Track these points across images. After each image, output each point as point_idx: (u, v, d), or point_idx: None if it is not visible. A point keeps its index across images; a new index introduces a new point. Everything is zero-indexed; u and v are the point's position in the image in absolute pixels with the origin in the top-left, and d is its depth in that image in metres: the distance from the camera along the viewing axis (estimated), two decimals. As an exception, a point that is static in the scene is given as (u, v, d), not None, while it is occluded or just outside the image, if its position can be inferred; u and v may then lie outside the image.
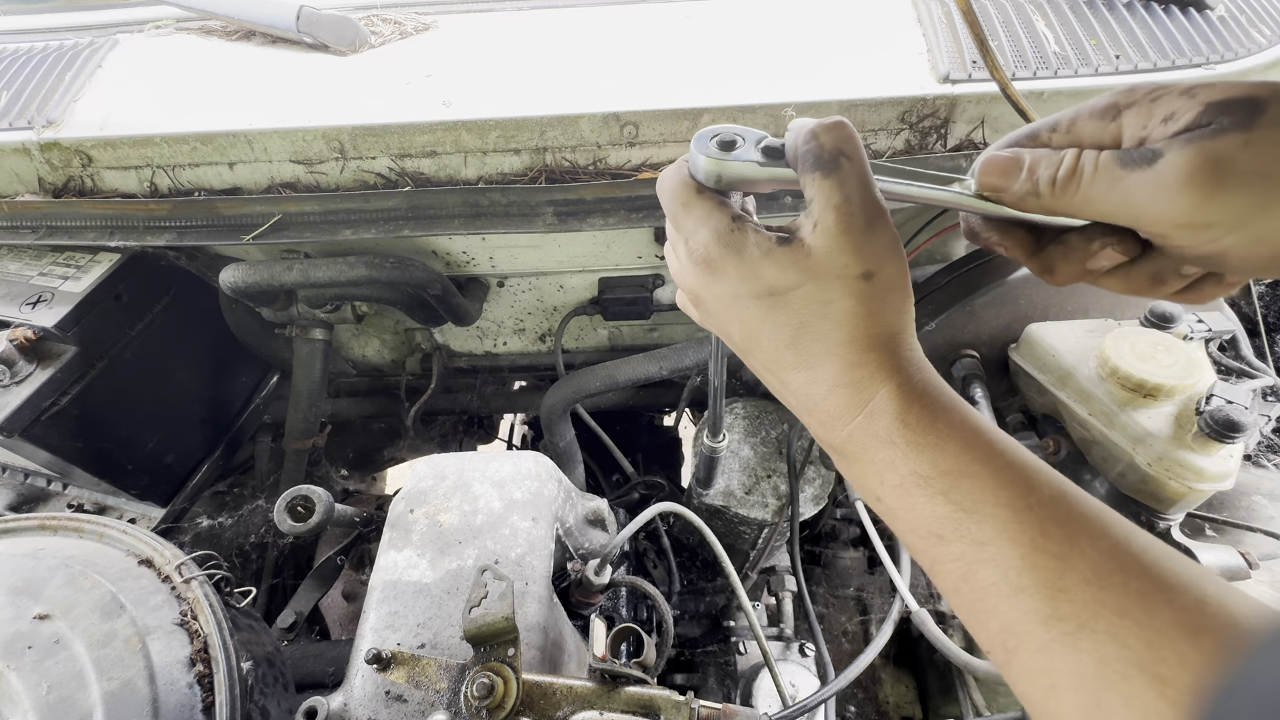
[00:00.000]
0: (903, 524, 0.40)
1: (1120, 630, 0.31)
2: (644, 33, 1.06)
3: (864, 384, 0.41)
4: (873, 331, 0.41)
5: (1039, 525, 0.35)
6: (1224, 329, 0.87)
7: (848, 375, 0.41)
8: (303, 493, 0.84)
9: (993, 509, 0.36)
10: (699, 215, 0.45)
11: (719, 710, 0.64)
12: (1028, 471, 0.37)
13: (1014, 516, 0.36)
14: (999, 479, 0.37)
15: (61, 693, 0.59)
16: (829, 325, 0.41)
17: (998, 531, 0.35)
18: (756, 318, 0.43)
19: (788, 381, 0.44)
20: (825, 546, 1.37)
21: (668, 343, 1.31)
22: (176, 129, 1.00)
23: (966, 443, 0.38)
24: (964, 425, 0.39)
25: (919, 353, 0.43)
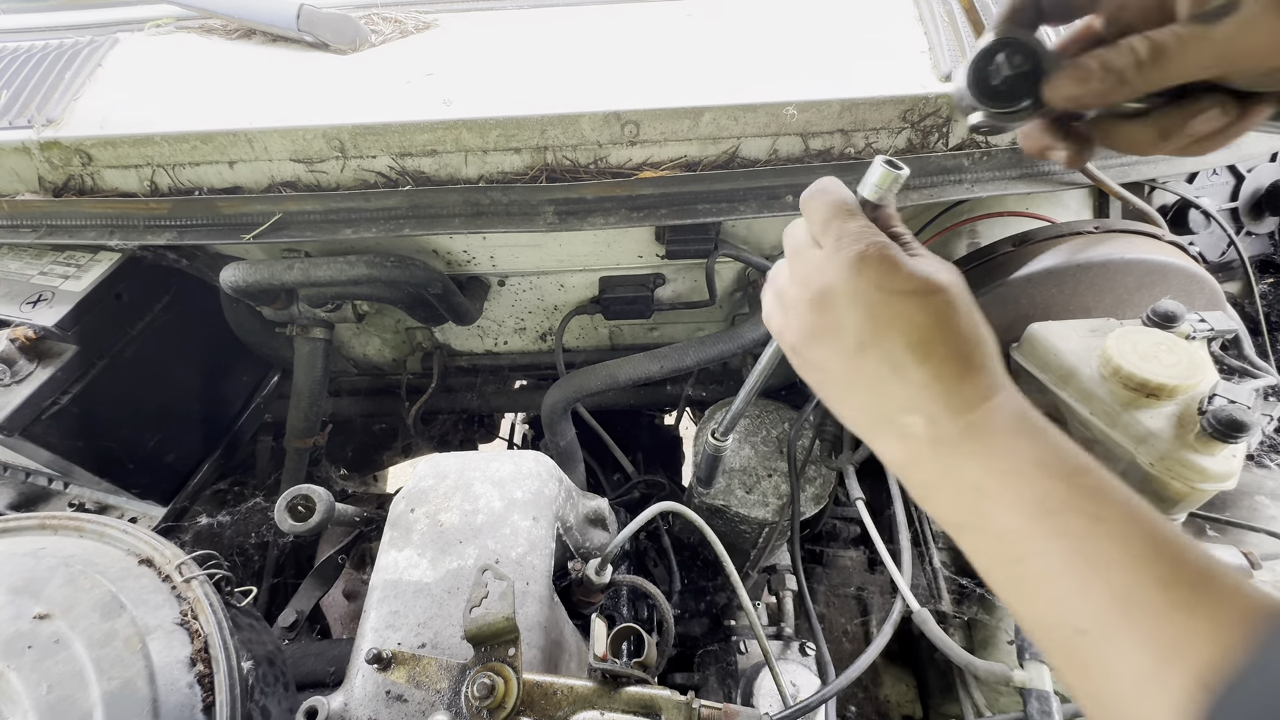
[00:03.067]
0: (1004, 507, 0.42)
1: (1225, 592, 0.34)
2: (645, 32, 1.06)
3: (988, 384, 0.45)
4: (987, 338, 0.47)
5: (1149, 512, 0.38)
6: (1227, 328, 0.87)
7: (975, 374, 0.45)
8: (303, 492, 0.84)
9: (1109, 492, 0.40)
10: (860, 223, 0.50)
11: (720, 710, 0.64)
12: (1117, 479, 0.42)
13: (1127, 501, 0.39)
14: (1104, 474, 0.41)
15: (61, 692, 0.59)
16: (960, 328, 0.46)
17: (1117, 510, 0.39)
18: (894, 313, 0.47)
19: (905, 378, 0.47)
20: (826, 546, 1.37)
21: (668, 342, 1.31)
22: (177, 128, 1.00)
23: (1071, 444, 0.43)
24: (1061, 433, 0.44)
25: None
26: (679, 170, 0.98)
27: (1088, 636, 0.37)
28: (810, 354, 0.52)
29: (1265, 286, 1.24)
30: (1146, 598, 0.35)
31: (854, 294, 0.48)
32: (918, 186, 0.96)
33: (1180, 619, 0.34)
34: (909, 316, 0.46)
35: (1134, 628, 0.35)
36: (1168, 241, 0.98)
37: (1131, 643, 0.35)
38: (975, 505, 0.43)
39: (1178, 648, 0.34)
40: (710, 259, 1.14)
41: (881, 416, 0.48)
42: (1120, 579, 0.36)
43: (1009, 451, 0.43)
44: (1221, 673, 0.32)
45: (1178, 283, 0.97)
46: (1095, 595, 0.37)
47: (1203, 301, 0.97)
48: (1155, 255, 0.95)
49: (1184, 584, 0.35)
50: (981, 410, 0.44)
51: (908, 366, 0.46)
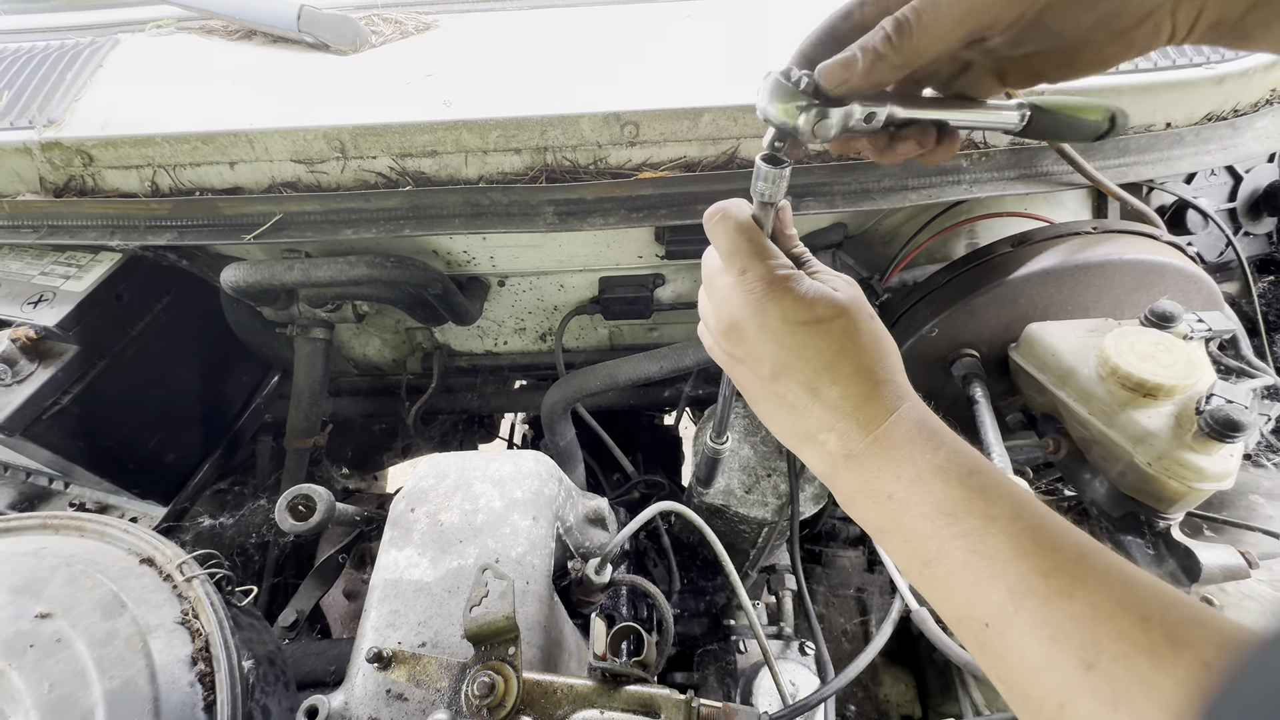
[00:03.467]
0: (914, 512, 0.45)
1: (1104, 579, 0.38)
2: (644, 32, 1.06)
3: (889, 397, 0.49)
4: (887, 357, 0.51)
5: (1033, 508, 0.42)
6: (1224, 328, 0.87)
7: (879, 391, 0.49)
8: (304, 492, 0.84)
9: (997, 491, 0.43)
10: (760, 253, 0.53)
11: (719, 709, 0.64)
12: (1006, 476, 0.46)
13: (1013, 498, 0.43)
14: (995, 473, 0.45)
15: (63, 691, 0.59)
16: (862, 351, 0.50)
17: (1003, 509, 0.42)
18: (799, 342, 0.51)
19: (818, 399, 0.50)
20: (825, 545, 1.37)
21: (668, 342, 1.31)
22: (177, 128, 1.01)
23: (967, 447, 0.47)
24: (957, 437, 0.48)
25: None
26: (678, 171, 0.99)
27: (990, 629, 0.40)
28: (734, 375, 0.57)
29: (1263, 287, 1.25)
30: (1032, 588, 0.39)
31: (761, 327, 0.52)
32: (917, 187, 0.96)
33: (1062, 604, 0.37)
34: (815, 344, 0.50)
35: (1026, 616, 0.38)
36: (1166, 242, 0.99)
37: (1024, 630, 0.38)
38: (888, 512, 0.47)
39: (1063, 630, 0.37)
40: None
41: (803, 435, 0.52)
42: (1011, 573, 0.40)
43: (910, 460, 0.46)
44: (1102, 650, 0.35)
45: (1175, 283, 0.97)
46: (992, 590, 0.40)
47: (1200, 302, 0.98)
48: (1153, 255, 0.95)
49: (1063, 571, 0.38)
50: (886, 424, 0.48)
51: (819, 389, 0.50)
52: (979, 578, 0.41)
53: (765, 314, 0.51)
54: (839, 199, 0.97)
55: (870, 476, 0.48)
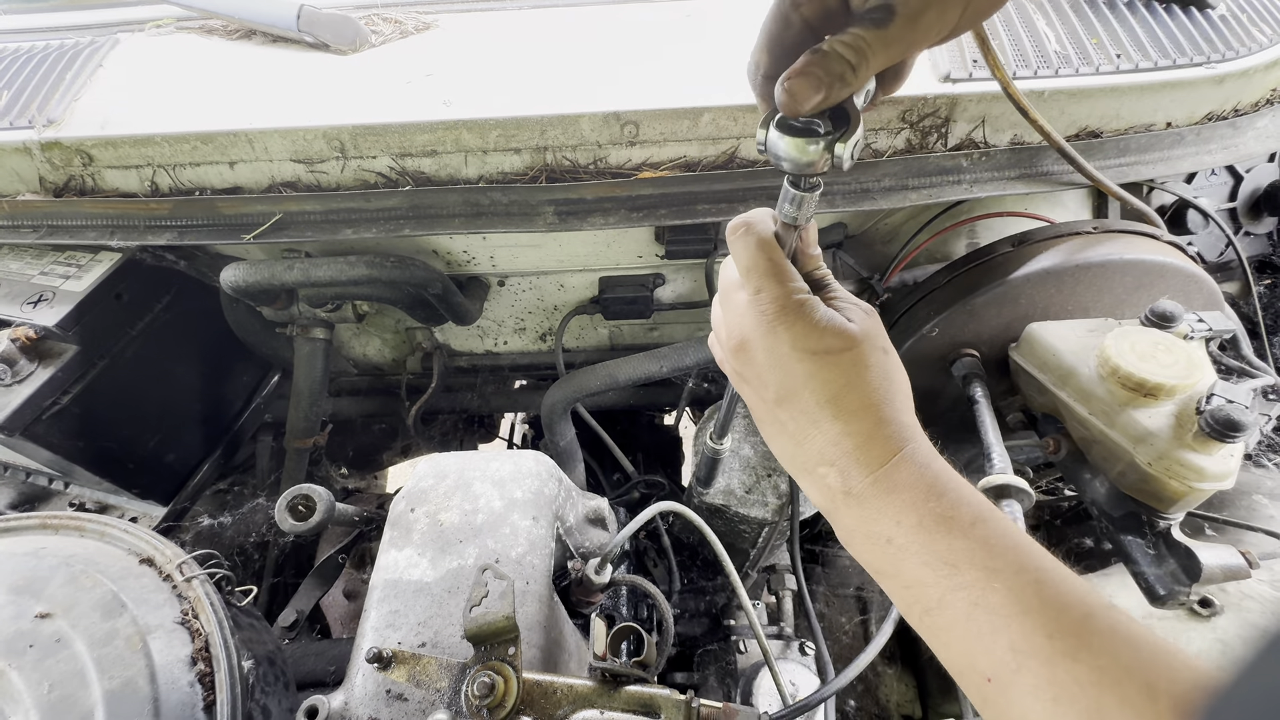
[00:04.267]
0: (915, 560, 0.44)
1: (1110, 643, 0.37)
2: (644, 32, 1.06)
3: (894, 438, 0.48)
4: (896, 395, 0.49)
5: (1038, 563, 0.41)
6: (1224, 328, 0.87)
7: (882, 430, 0.48)
8: (304, 492, 0.84)
9: (1003, 543, 0.42)
10: (778, 274, 0.51)
11: (719, 709, 0.64)
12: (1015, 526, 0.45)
13: (1019, 553, 0.42)
14: (1005, 525, 0.44)
15: (63, 691, 0.59)
16: (870, 387, 0.48)
17: (1008, 563, 0.41)
18: (806, 372, 0.49)
19: (817, 434, 0.49)
20: (825, 545, 1.37)
21: (668, 342, 1.31)
22: (177, 128, 1.00)
23: (974, 496, 0.45)
24: (966, 484, 0.47)
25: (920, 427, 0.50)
26: (678, 170, 0.99)
27: (992, 684, 0.40)
28: (741, 393, 0.56)
29: (1263, 287, 1.24)
30: (1036, 647, 0.38)
31: (770, 350, 0.51)
32: (917, 187, 0.96)
33: (1067, 666, 0.36)
34: (821, 375, 0.49)
35: (1029, 676, 0.38)
36: (1166, 242, 0.99)
37: (1027, 690, 0.38)
38: (888, 556, 0.47)
39: (1067, 694, 0.36)
40: (710, 259, 1.15)
41: (802, 465, 0.52)
42: (1014, 630, 0.39)
43: (912, 506, 0.45)
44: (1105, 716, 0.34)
45: (1176, 283, 0.97)
46: (994, 645, 0.40)
47: (1201, 301, 0.98)
48: (1154, 255, 0.95)
49: (1068, 632, 0.37)
50: (889, 465, 0.47)
51: (821, 422, 0.49)
52: (981, 632, 0.40)
53: (775, 338, 0.50)
54: (839, 199, 0.97)
55: (869, 518, 0.47)
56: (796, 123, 0.46)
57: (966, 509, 0.44)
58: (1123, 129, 0.98)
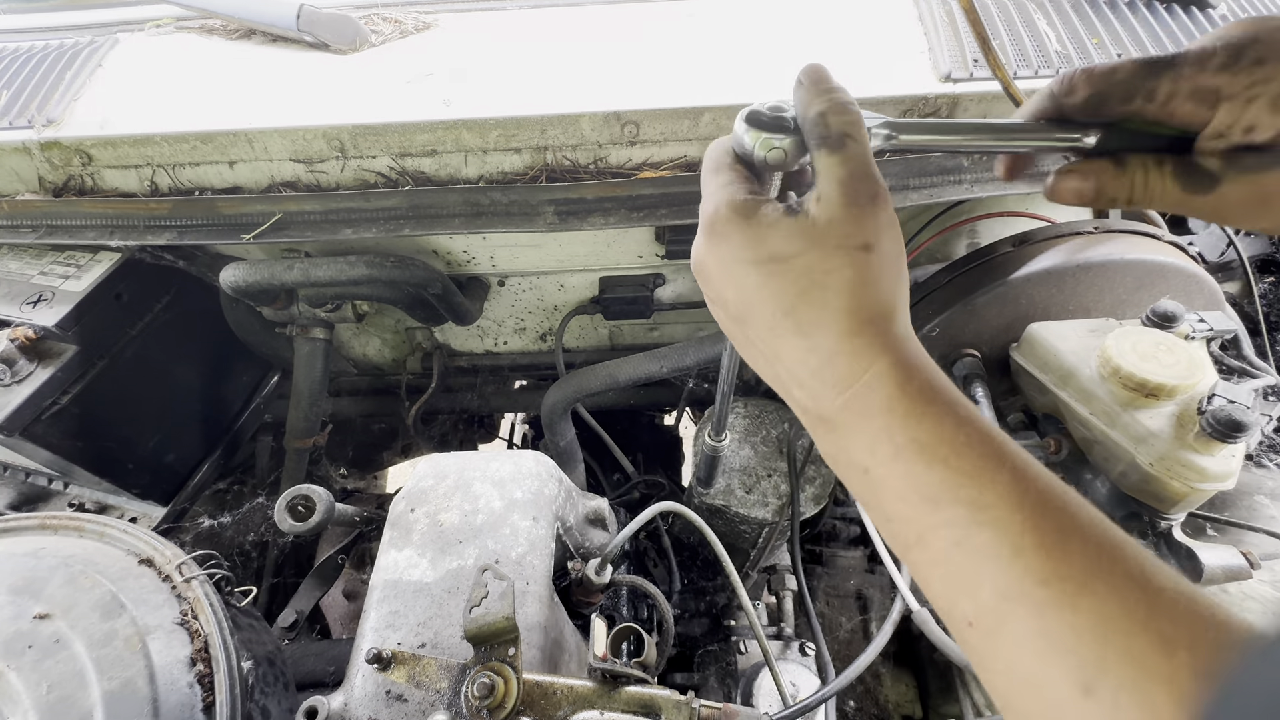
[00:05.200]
0: (891, 493, 0.40)
1: (1121, 588, 0.31)
2: (644, 32, 1.06)
3: (863, 353, 0.41)
4: (870, 303, 0.42)
5: (1039, 494, 0.35)
6: (1226, 328, 0.87)
7: (847, 343, 0.41)
8: (303, 492, 0.84)
9: (994, 475, 0.36)
10: (720, 181, 0.47)
11: (719, 710, 0.64)
12: (1022, 451, 0.38)
13: (1015, 484, 0.36)
14: (999, 452, 0.38)
15: (62, 692, 0.59)
16: (829, 294, 0.42)
17: (999, 496, 0.36)
18: (756, 284, 0.44)
19: (782, 350, 0.44)
20: (826, 545, 1.37)
21: (668, 342, 1.31)
22: (177, 128, 1.00)
23: (964, 417, 0.39)
24: (959, 401, 0.40)
25: (911, 331, 0.43)
26: (679, 170, 0.98)
27: (974, 629, 0.36)
28: (713, 314, 0.50)
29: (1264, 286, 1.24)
30: (1025, 594, 0.33)
31: (719, 262, 0.46)
32: (918, 186, 0.96)
33: (1062, 615, 0.32)
34: (771, 286, 0.43)
35: (1016, 624, 0.34)
36: (1167, 241, 0.99)
37: (1012, 640, 0.34)
38: (865, 486, 0.41)
39: (1060, 645, 0.32)
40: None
41: (779, 385, 0.46)
42: (1002, 576, 0.34)
43: (887, 433, 0.39)
44: (1106, 672, 0.30)
45: (1177, 283, 0.97)
46: (978, 590, 0.35)
47: (1202, 301, 0.97)
48: (1154, 255, 0.95)
49: (1067, 577, 0.33)
50: (859, 386, 0.41)
51: (783, 336, 0.43)
52: (963, 575, 0.36)
53: (721, 248, 0.45)
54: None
55: (844, 445, 0.42)
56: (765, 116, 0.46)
57: (953, 434, 0.38)
58: (1124, 129, 0.98)
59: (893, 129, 0.48)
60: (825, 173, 0.43)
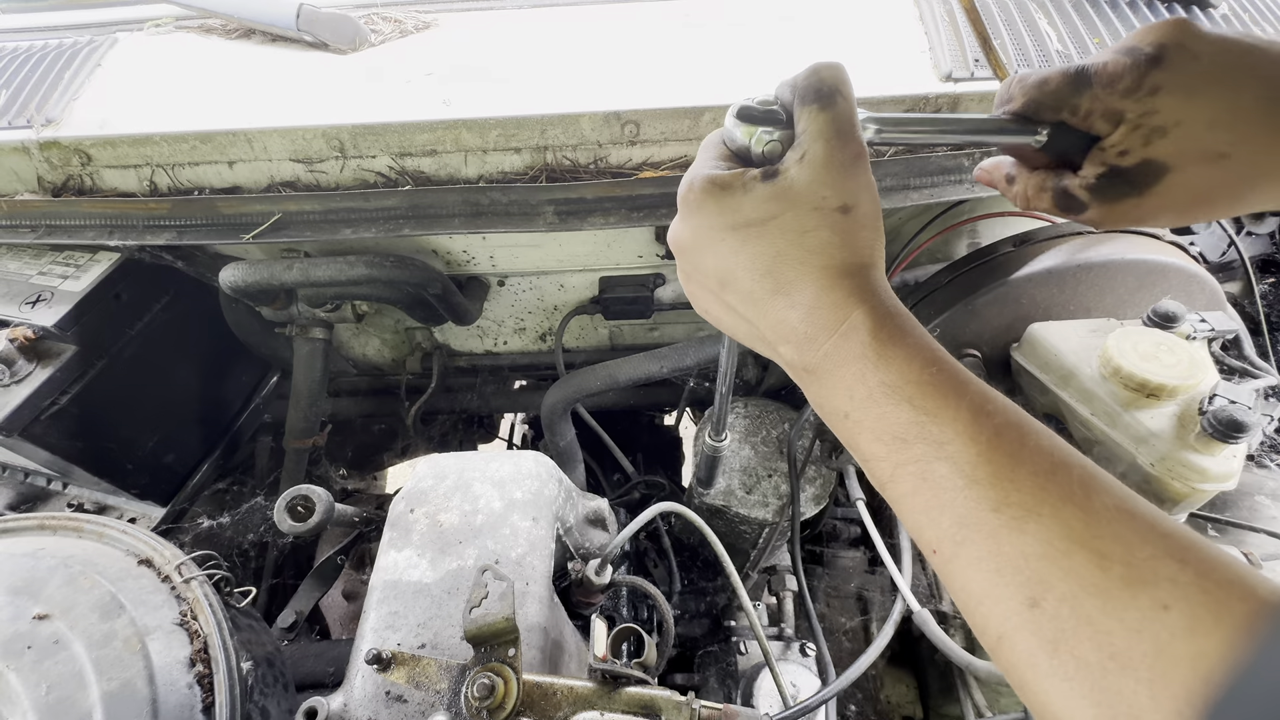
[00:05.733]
0: (868, 434, 0.42)
1: (1063, 513, 0.34)
2: (645, 32, 1.06)
3: (840, 305, 0.43)
4: (848, 260, 0.44)
5: (994, 428, 0.38)
6: (1227, 328, 0.87)
7: (825, 297, 0.44)
8: (303, 492, 0.84)
9: (954, 413, 0.39)
10: (700, 160, 0.49)
11: (720, 710, 0.64)
12: (983, 388, 0.41)
13: (972, 419, 0.39)
14: (959, 390, 0.40)
15: (61, 693, 0.59)
16: (806, 252, 0.44)
17: (957, 432, 0.38)
18: (733, 249, 0.46)
19: (765, 309, 0.46)
20: (826, 546, 1.37)
21: (668, 342, 1.31)
22: (176, 128, 1.00)
23: (929, 359, 0.42)
24: (928, 345, 0.43)
25: (884, 280, 0.46)
26: (679, 170, 0.98)
27: (938, 555, 0.39)
28: (690, 294, 0.53)
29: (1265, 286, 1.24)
30: (980, 520, 0.36)
31: (695, 232, 0.48)
32: (918, 186, 0.96)
33: (1011, 538, 0.35)
34: (748, 250, 0.45)
35: (971, 549, 0.36)
36: (1168, 241, 0.98)
37: (968, 562, 0.37)
38: (845, 431, 0.44)
39: (1009, 565, 0.35)
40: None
41: (764, 346, 0.49)
42: (959, 504, 0.37)
43: (861, 378, 0.42)
44: (1049, 588, 0.33)
45: (1178, 283, 0.97)
46: (941, 519, 0.38)
47: (1203, 301, 0.97)
48: (1155, 255, 0.95)
49: (1015, 503, 0.35)
50: (838, 335, 0.43)
51: (763, 300, 0.46)
52: (928, 506, 0.39)
53: (698, 219, 0.47)
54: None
55: (827, 393, 0.45)
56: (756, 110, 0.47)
57: (918, 374, 0.41)
58: (1124, 128, 0.98)
59: (875, 124, 0.49)
60: (813, 130, 0.44)
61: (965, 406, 0.39)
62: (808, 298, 0.44)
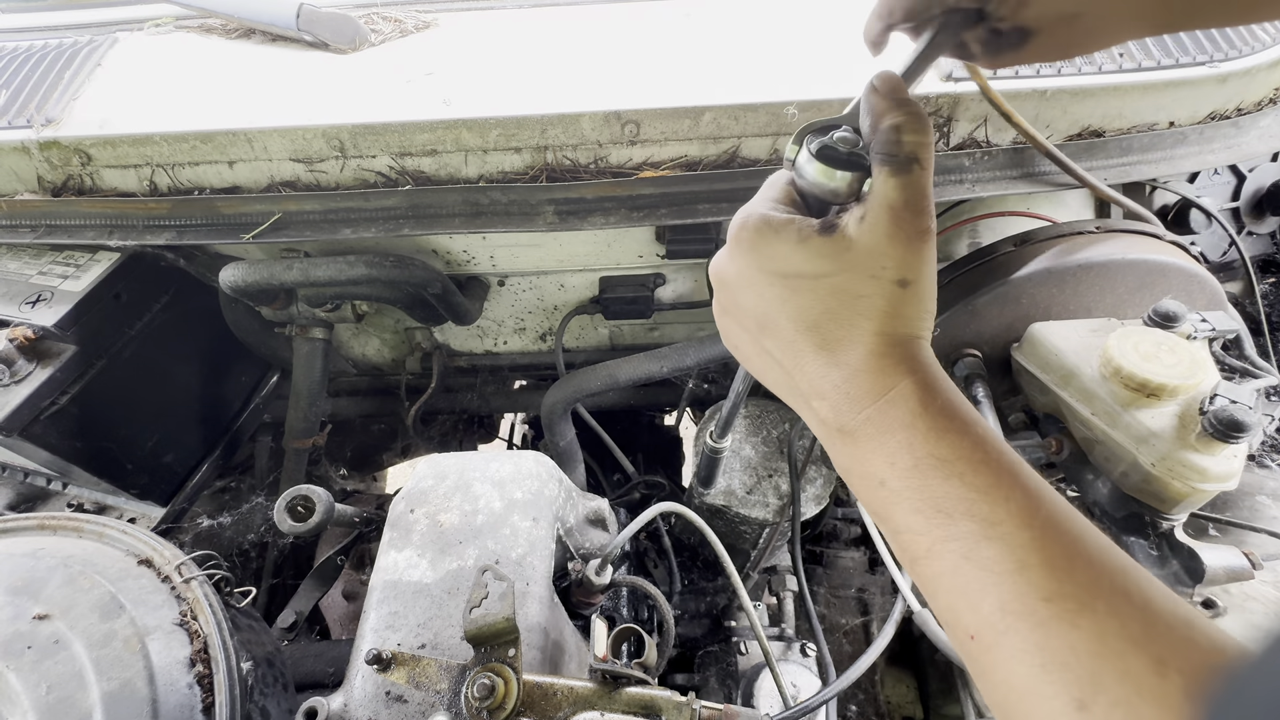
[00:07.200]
0: (906, 506, 0.40)
1: (1120, 609, 0.32)
2: (645, 31, 1.06)
3: (889, 372, 0.42)
4: (899, 331, 0.43)
5: (1048, 515, 0.36)
6: (1228, 328, 0.87)
7: (874, 363, 0.42)
8: (303, 492, 0.84)
9: (1008, 493, 0.37)
10: (762, 195, 0.48)
11: (720, 711, 0.64)
12: (1034, 474, 0.39)
13: (1027, 503, 0.37)
14: (1014, 471, 0.39)
15: (61, 693, 0.59)
16: (857, 315, 0.43)
17: (1010, 514, 0.37)
18: (780, 296, 0.45)
19: (805, 362, 0.45)
20: (826, 546, 1.37)
21: (668, 342, 1.31)
22: (176, 127, 1.00)
23: (982, 437, 0.40)
24: (979, 422, 0.41)
25: (934, 357, 0.45)
26: (679, 170, 0.98)
27: (976, 642, 0.37)
28: (724, 333, 0.52)
29: (1266, 286, 1.24)
30: (1029, 609, 0.34)
31: (741, 273, 0.47)
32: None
33: (1061, 631, 0.33)
34: (795, 301, 0.44)
35: (1016, 638, 0.34)
36: (1169, 241, 0.98)
37: (1012, 653, 0.34)
38: (880, 498, 0.42)
39: (1058, 660, 0.32)
40: (711, 259, 1.14)
41: (795, 397, 0.47)
42: (1006, 588, 0.35)
43: (908, 448, 0.40)
44: (1102, 689, 0.31)
45: (1179, 282, 0.96)
46: (982, 603, 0.36)
47: (1204, 301, 0.97)
48: (1156, 255, 0.95)
49: (1069, 595, 0.33)
50: (883, 401, 0.42)
51: (805, 351, 0.44)
52: (969, 588, 0.37)
53: (746, 259, 0.46)
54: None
55: (862, 457, 0.43)
56: (839, 152, 0.45)
57: (970, 451, 0.39)
58: (1125, 128, 0.98)
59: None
60: (881, 195, 0.42)
61: (1020, 488, 0.37)
62: (855, 359, 0.43)
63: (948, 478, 0.39)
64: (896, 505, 0.41)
